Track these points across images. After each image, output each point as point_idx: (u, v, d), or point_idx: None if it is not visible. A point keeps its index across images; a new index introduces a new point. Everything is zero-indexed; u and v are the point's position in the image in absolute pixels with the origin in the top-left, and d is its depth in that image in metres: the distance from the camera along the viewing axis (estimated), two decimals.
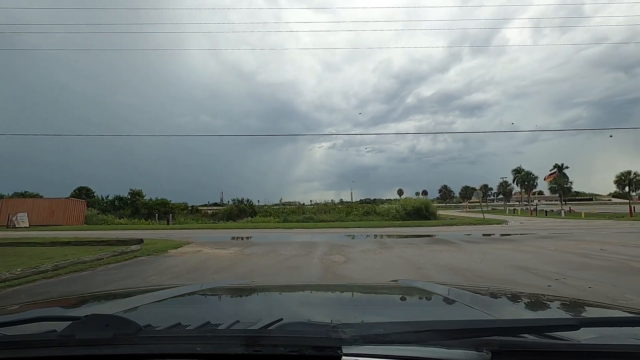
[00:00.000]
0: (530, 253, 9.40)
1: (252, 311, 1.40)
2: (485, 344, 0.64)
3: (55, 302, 1.83)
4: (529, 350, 0.66)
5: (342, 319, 1.08)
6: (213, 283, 2.13)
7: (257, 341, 0.66)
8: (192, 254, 10.34)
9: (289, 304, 1.53)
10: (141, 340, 0.68)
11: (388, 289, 1.93)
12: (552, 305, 1.46)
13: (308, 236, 16.78)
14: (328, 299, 1.66)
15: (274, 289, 1.96)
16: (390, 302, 1.56)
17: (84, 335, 0.69)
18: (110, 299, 1.68)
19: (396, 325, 0.70)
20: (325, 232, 19.23)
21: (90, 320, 0.73)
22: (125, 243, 12.10)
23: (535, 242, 11.88)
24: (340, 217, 29.29)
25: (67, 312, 1.30)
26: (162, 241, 13.51)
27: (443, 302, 1.44)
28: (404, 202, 29.53)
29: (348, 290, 2.02)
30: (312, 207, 41.96)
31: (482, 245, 11.48)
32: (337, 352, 0.63)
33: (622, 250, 9.67)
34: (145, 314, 1.20)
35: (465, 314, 1.16)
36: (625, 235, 13.92)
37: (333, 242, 13.38)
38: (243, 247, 11.99)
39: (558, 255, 8.97)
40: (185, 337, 0.72)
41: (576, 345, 0.69)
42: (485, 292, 1.63)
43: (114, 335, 0.67)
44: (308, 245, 12.28)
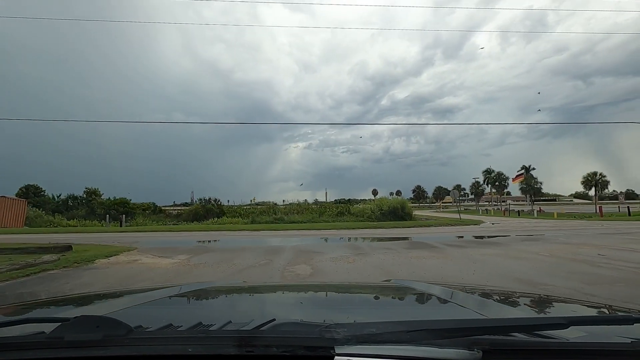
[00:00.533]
0: (525, 260, 8.15)
1: (244, 311, 1.38)
2: (477, 342, 0.64)
3: (43, 303, 1.70)
4: (519, 349, 0.67)
5: (334, 318, 1.08)
6: (205, 284, 1.95)
7: (249, 342, 0.65)
8: (124, 264, 8.35)
9: (281, 304, 1.53)
10: (132, 342, 0.67)
11: (381, 288, 1.94)
12: (542, 305, 1.51)
13: (274, 240, 15.02)
14: (321, 299, 1.65)
15: (266, 289, 1.92)
16: (383, 301, 1.57)
17: (73, 336, 0.67)
18: (101, 299, 1.65)
19: (389, 325, 0.69)
20: (295, 234, 17.53)
21: (79, 322, 0.71)
22: (48, 251, 9.92)
23: (523, 246, 10.72)
24: (312, 218, 27.67)
25: (55, 313, 1.27)
26: (98, 247, 11.31)
27: (435, 302, 1.45)
28: (379, 202, 28.34)
29: (341, 290, 1.99)
30: (284, 207, 39.99)
31: (468, 250, 10.19)
32: (330, 352, 0.63)
33: (621, 255, 8.65)
34: (136, 315, 1.17)
35: (457, 314, 1.17)
36: (611, 237, 13.17)
37: (301, 247, 11.69)
38: (193, 254, 10.06)
39: (558, 263, 7.76)
40: (176, 338, 0.71)
41: (565, 343, 0.71)
42: (477, 291, 1.68)
43: (104, 337, 0.66)
44: (271, 251, 10.57)
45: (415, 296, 1.59)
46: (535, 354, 0.67)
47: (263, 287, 2.20)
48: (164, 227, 25.06)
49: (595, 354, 0.67)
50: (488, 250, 9.97)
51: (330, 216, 28.52)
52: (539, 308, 1.45)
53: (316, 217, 28.24)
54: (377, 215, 27.03)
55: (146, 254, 10.04)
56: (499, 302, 1.48)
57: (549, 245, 10.93)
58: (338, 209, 30.58)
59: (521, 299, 1.64)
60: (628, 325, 0.85)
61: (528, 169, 72.25)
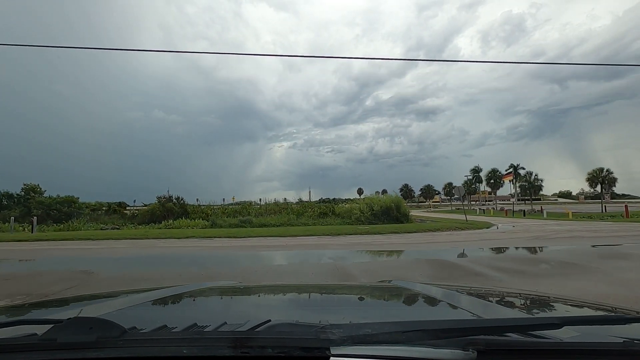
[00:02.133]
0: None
1: (239, 312, 1.37)
2: (472, 343, 0.64)
3: (36, 304, 1.72)
4: (513, 349, 0.67)
5: (330, 319, 1.03)
6: (200, 284, 1.89)
7: (244, 342, 0.65)
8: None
9: (277, 305, 1.52)
10: (126, 343, 0.66)
11: (377, 289, 1.93)
12: (536, 305, 1.50)
13: (213, 258, 9.78)
14: (316, 300, 1.62)
15: (262, 290, 1.88)
16: (378, 302, 1.58)
17: (66, 338, 0.66)
18: (95, 300, 1.62)
19: (384, 326, 0.68)
20: (254, 245, 12.31)
21: (72, 323, 0.70)
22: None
23: (629, 273, 5.79)
24: (289, 220, 22.44)
25: (48, 314, 1.25)
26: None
27: (431, 302, 1.44)
28: (369, 201, 23.37)
29: (337, 291, 1.96)
30: (259, 207, 34.22)
31: (552, 284, 5.14)
32: (326, 352, 0.62)
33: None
34: (130, 316, 1.16)
35: (452, 314, 1.18)
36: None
37: (238, 276, 6.45)
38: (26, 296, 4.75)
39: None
40: (171, 340, 0.69)
41: (559, 343, 0.71)
42: (472, 292, 1.67)
43: (97, 339, 0.65)
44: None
45: (411, 296, 1.57)
46: (529, 354, 0.67)
47: (258, 287, 2.14)
48: (96, 232, 19.29)
49: (588, 353, 0.67)
50: (590, 288, 4.95)
51: (311, 217, 23.39)
52: (534, 308, 1.45)
53: (294, 218, 23.03)
54: (367, 216, 22.08)
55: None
56: (494, 303, 1.47)
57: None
58: (320, 209, 25.42)
59: (516, 299, 1.64)
60: (620, 325, 0.86)
61: (516, 167, 69.55)
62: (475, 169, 79.01)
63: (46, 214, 31.43)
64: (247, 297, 1.67)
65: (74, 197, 35.62)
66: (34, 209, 31.95)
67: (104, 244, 13.10)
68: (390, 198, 23.08)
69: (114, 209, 38.05)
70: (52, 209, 32.25)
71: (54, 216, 31.26)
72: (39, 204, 32.74)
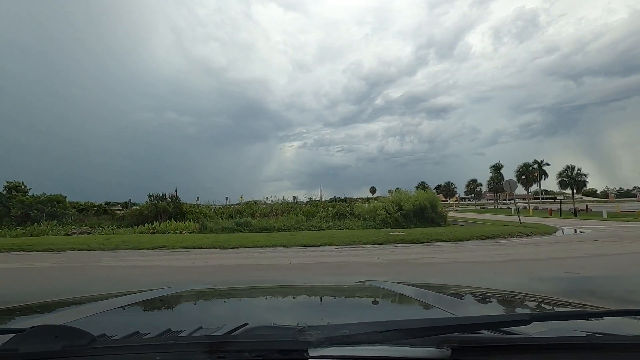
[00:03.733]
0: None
1: (216, 316, 1.33)
2: (446, 341, 0.65)
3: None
4: (485, 346, 0.69)
5: (308, 321, 1.04)
6: (174, 288, 1.83)
7: (221, 347, 0.63)
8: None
9: (254, 308, 1.50)
10: (95, 352, 0.63)
11: (355, 290, 1.93)
12: (508, 302, 1.55)
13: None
14: (295, 301, 1.63)
15: (239, 292, 1.88)
16: (356, 303, 1.58)
17: (30, 348, 0.62)
18: (61, 307, 1.50)
19: (362, 326, 0.67)
20: (239, 264, 7.95)
21: (36, 332, 0.66)
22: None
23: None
24: (297, 222, 17.99)
25: (10, 323, 1.19)
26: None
27: (408, 302, 1.46)
28: (396, 199, 18.75)
29: (315, 292, 1.92)
30: (265, 207, 29.54)
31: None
32: (304, 355, 0.62)
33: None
34: (100, 323, 1.10)
35: (428, 313, 1.20)
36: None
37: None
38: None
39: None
40: (144, 346, 0.66)
41: (527, 339, 0.74)
42: (448, 291, 1.71)
43: (63, 348, 0.61)
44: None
45: (387, 296, 1.58)
46: (500, 350, 0.69)
47: (236, 290, 2.10)
48: (42, 239, 15.19)
49: (555, 347, 0.69)
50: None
51: (325, 219, 18.88)
52: (505, 305, 1.50)
53: (302, 220, 18.58)
54: (395, 217, 17.50)
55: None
56: (468, 301, 1.52)
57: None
58: (336, 209, 20.85)
59: (488, 297, 1.66)
60: (585, 320, 0.92)
61: (540, 163, 63.85)
62: (497, 166, 73.45)
63: (25, 215, 27.92)
64: (224, 300, 1.66)
65: (60, 195, 31.92)
66: (13, 209, 28.48)
67: (56, 257, 8.92)
68: (424, 195, 18.39)
69: (104, 209, 34.26)
70: (33, 209, 28.72)
71: (35, 217, 27.72)
72: (18, 203, 29.22)
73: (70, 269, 7.78)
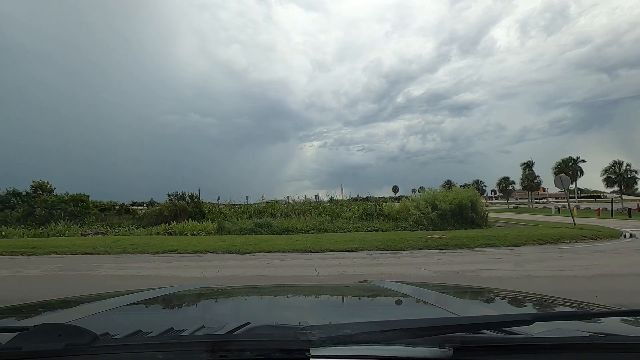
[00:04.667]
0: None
1: (218, 315, 1.34)
2: (448, 340, 0.65)
3: None
4: (487, 346, 0.69)
5: (310, 320, 1.06)
6: (177, 287, 1.82)
7: (223, 346, 0.63)
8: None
9: (256, 307, 1.48)
10: (97, 350, 0.62)
11: (356, 289, 1.91)
12: (510, 302, 1.55)
13: None
14: (296, 301, 1.60)
15: (241, 292, 1.85)
16: (358, 302, 1.57)
17: (33, 346, 0.62)
18: (63, 306, 1.49)
19: (364, 326, 0.67)
20: (255, 275, 6.54)
21: (39, 331, 0.66)
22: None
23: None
24: (321, 223, 16.48)
25: (13, 322, 1.18)
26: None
27: (409, 301, 1.44)
28: (431, 197, 16.86)
29: (317, 291, 1.93)
30: (286, 206, 28.11)
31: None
32: (305, 354, 0.62)
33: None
34: (102, 322, 1.10)
35: (430, 313, 1.20)
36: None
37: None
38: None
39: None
40: (146, 345, 0.66)
41: (529, 339, 0.73)
42: (449, 290, 1.70)
43: (66, 346, 0.61)
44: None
45: (390, 296, 1.56)
46: (502, 350, 0.68)
47: (237, 289, 2.08)
48: (60, 240, 14.40)
49: (557, 348, 0.69)
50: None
51: (351, 219, 17.28)
52: (507, 305, 1.49)
53: (327, 220, 17.06)
54: (430, 217, 15.71)
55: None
56: (470, 300, 1.50)
57: None
58: (362, 208, 19.15)
59: (491, 297, 1.66)
60: (587, 320, 0.90)
61: (576, 160, 59.52)
62: (528, 163, 69.29)
63: (49, 214, 27.95)
64: (226, 299, 1.65)
65: (83, 195, 31.95)
66: (37, 208, 28.60)
67: (52, 260, 7.87)
68: (464, 192, 16.42)
69: (126, 208, 34.05)
70: (56, 208, 28.73)
71: (57, 216, 27.68)
72: (42, 202, 29.33)
73: (60, 279, 6.62)
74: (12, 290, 5.60)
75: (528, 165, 69.10)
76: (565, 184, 16.23)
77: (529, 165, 68.95)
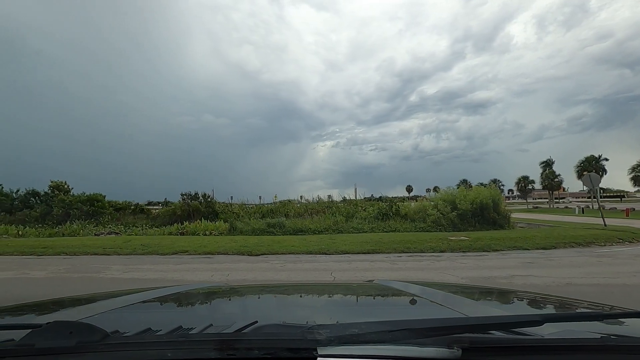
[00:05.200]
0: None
1: (226, 314, 1.35)
2: (456, 341, 0.64)
3: (13, 308, 1.52)
4: (496, 347, 0.68)
5: (317, 319, 1.08)
6: (185, 286, 1.85)
7: (231, 345, 0.64)
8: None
9: (264, 306, 1.48)
10: (107, 348, 0.63)
11: (364, 288, 1.90)
12: (519, 302, 1.54)
13: None
14: (304, 300, 1.60)
15: (248, 291, 1.85)
16: (365, 302, 1.55)
17: (45, 343, 0.63)
18: (75, 304, 1.51)
19: (371, 325, 0.67)
20: (268, 280, 6.05)
21: (51, 328, 0.67)
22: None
23: None
24: (335, 223, 15.98)
25: (26, 319, 1.20)
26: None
27: (417, 301, 1.43)
28: (450, 196, 16.17)
29: (324, 291, 1.89)
30: (299, 206, 27.72)
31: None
32: (313, 353, 0.62)
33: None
34: (113, 320, 1.11)
35: (438, 313, 1.17)
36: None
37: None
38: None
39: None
40: (155, 343, 0.68)
41: (540, 340, 0.72)
42: (457, 290, 1.70)
43: (77, 344, 0.62)
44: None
45: (397, 296, 1.55)
46: (511, 351, 0.67)
47: (245, 288, 2.08)
48: (71, 240, 14.33)
49: (567, 349, 0.67)
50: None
51: (366, 220, 16.71)
52: (516, 305, 1.47)
53: (342, 220, 16.55)
54: (450, 218, 15.02)
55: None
56: (478, 300, 1.46)
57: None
58: (377, 208, 18.52)
59: (500, 297, 1.63)
60: (599, 321, 0.88)
61: (598, 158, 57.19)
62: (547, 162, 67.03)
63: (66, 213, 28.33)
64: (234, 298, 1.64)
65: (99, 195, 32.29)
66: (55, 208, 29.04)
67: (58, 260, 7.65)
68: (485, 192, 15.63)
69: (141, 208, 34.29)
70: (73, 208, 29.10)
71: (74, 216, 28.03)
72: (60, 202, 29.77)
73: (64, 281, 6.34)
74: (12, 295, 5.31)
75: (548, 163, 66.90)
76: (595, 182, 15.28)
77: (548, 164, 66.75)
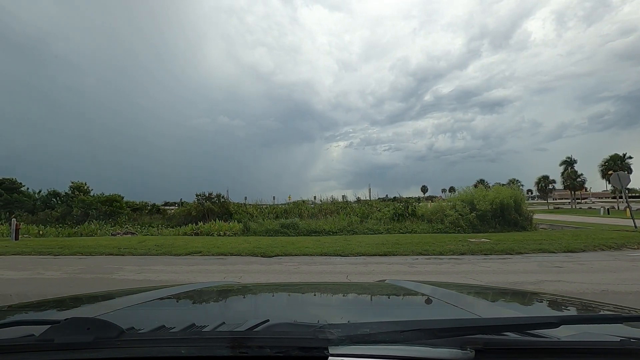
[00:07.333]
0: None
1: (238, 312, 1.37)
2: (470, 342, 0.63)
3: (33, 305, 1.56)
4: (511, 348, 0.67)
5: (329, 319, 1.06)
6: (199, 284, 1.89)
7: (243, 342, 0.64)
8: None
9: (275, 305, 1.49)
10: (123, 344, 0.65)
11: (375, 288, 1.88)
12: (534, 303, 1.49)
13: None
14: (315, 299, 1.61)
15: (260, 290, 1.85)
16: (377, 301, 1.55)
17: (64, 339, 0.65)
18: (92, 301, 1.56)
19: (382, 325, 0.67)
20: (278, 283, 5.83)
21: (70, 324, 0.69)
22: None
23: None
24: (350, 224, 15.69)
25: (45, 315, 1.21)
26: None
27: (429, 302, 1.42)
28: (469, 197, 15.65)
29: (335, 290, 1.91)
30: (313, 206, 27.55)
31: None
32: (324, 352, 0.62)
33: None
34: (128, 317, 1.13)
35: (450, 313, 1.16)
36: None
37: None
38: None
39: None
40: (169, 340, 0.69)
41: (556, 342, 0.70)
42: (470, 290, 1.68)
43: (95, 339, 0.64)
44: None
45: (408, 296, 1.53)
46: (527, 353, 0.66)
47: (257, 287, 2.08)
48: (87, 240, 14.51)
49: (585, 352, 0.66)
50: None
51: (382, 221, 16.36)
52: (531, 307, 1.43)
53: (357, 221, 16.26)
54: (469, 219, 14.51)
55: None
56: (491, 301, 1.43)
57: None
58: (393, 208, 18.14)
59: (514, 298, 1.60)
60: (618, 324, 0.85)
61: (623, 158, 54.86)
62: (568, 161, 64.85)
63: (85, 213, 28.98)
64: (246, 297, 1.66)
65: (118, 195, 32.95)
66: (75, 208, 29.76)
67: (72, 261, 7.68)
68: (507, 192, 15.04)
69: (157, 209, 34.77)
70: (92, 208, 29.75)
71: (92, 215, 28.65)
72: (80, 202, 30.47)
73: (77, 282, 6.29)
74: (23, 297, 5.26)
75: (569, 163, 64.77)
76: (624, 181, 14.50)
77: (569, 163, 64.61)
